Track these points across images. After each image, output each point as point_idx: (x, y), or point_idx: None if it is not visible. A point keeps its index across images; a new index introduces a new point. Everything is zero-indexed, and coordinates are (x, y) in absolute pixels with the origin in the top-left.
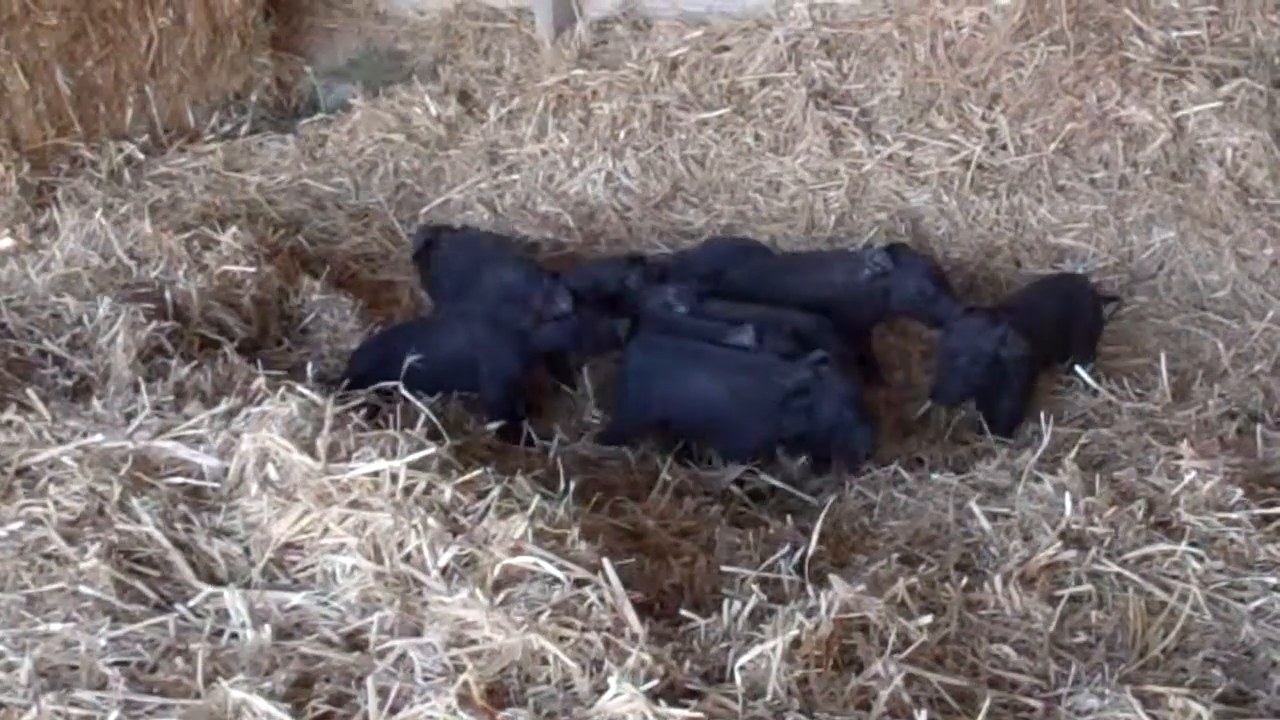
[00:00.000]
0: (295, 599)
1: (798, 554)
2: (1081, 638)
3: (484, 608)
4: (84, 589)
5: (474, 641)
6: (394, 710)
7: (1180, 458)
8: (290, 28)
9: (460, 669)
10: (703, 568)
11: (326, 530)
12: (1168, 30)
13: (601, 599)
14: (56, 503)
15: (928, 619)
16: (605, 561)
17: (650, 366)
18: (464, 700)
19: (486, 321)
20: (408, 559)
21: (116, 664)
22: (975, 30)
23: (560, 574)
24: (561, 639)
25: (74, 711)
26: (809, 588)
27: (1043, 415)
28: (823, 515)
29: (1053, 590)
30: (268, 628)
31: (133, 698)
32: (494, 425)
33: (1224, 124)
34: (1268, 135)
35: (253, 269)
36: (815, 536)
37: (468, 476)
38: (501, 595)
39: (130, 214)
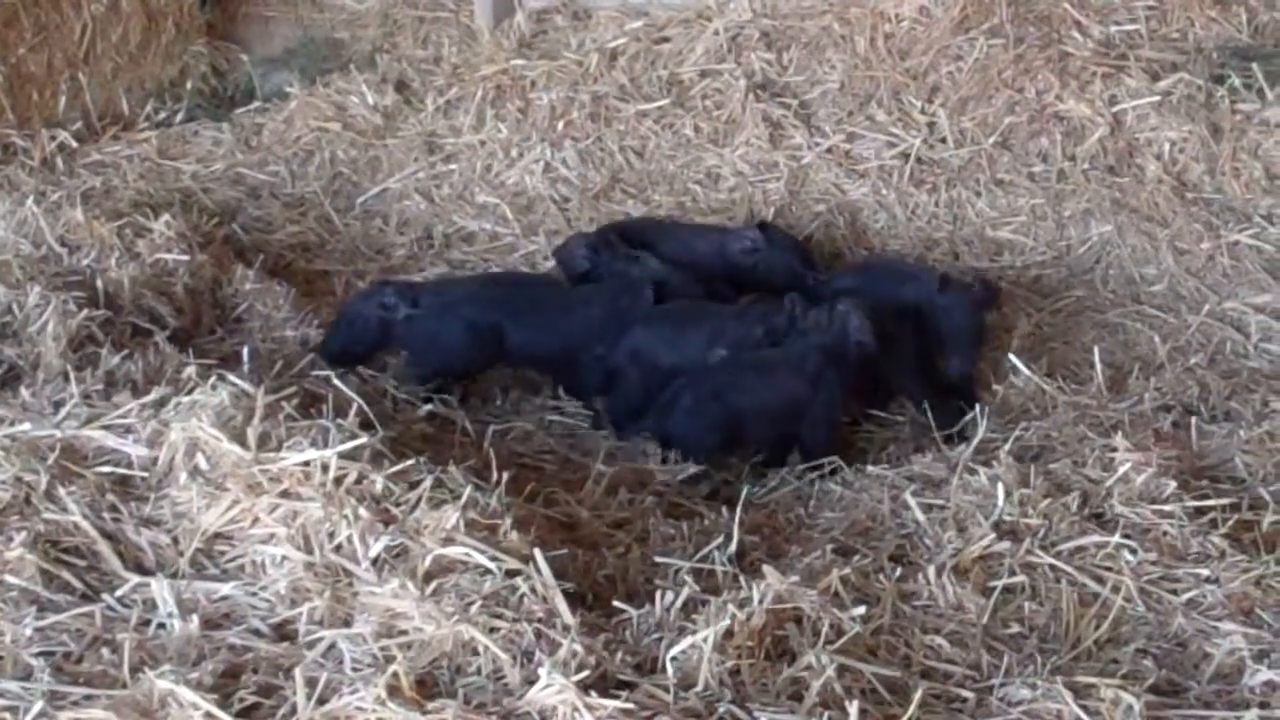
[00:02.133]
0: (224, 589)
1: (731, 545)
2: (1014, 629)
3: (414, 598)
4: (9, 578)
5: (404, 632)
6: (322, 701)
7: (1115, 450)
8: (227, 15)
9: (390, 660)
10: (636, 558)
11: (256, 520)
12: (1106, 25)
13: (533, 589)
14: None
15: (861, 610)
16: (537, 552)
17: (714, 385)
18: (393, 691)
19: None
20: (338, 549)
21: (42, 654)
22: (915, 23)
23: (492, 565)
24: (492, 630)
25: None
26: (742, 579)
27: (978, 407)
28: (740, 505)
29: (986, 581)
30: (195, 618)
31: (58, 688)
32: None
33: (1162, 119)
34: (1205, 130)
35: (186, 257)
36: (736, 526)
37: (399, 467)
38: (432, 586)
39: (62, 201)
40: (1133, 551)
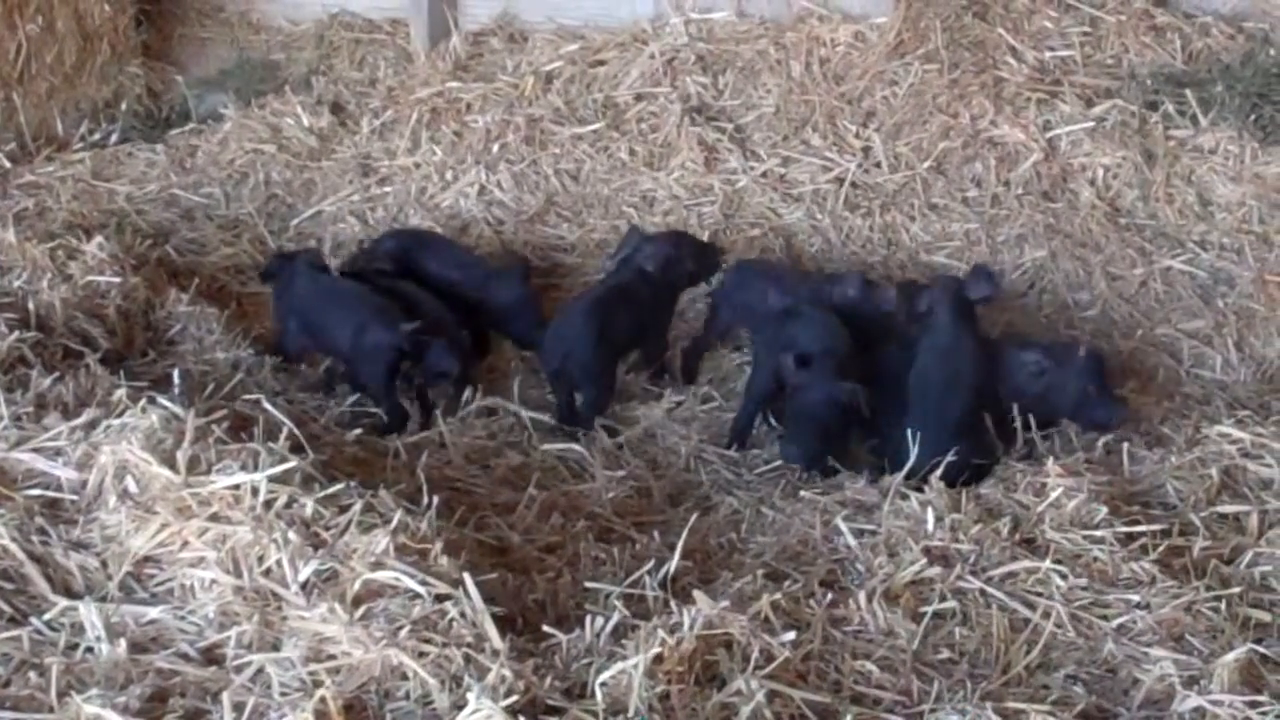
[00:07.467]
0: (152, 613)
1: (662, 570)
2: (945, 654)
3: (343, 623)
4: None
5: (333, 657)
6: None
7: (1046, 475)
8: (162, 36)
9: (318, 684)
10: (567, 583)
11: (185, 544)
12: (1041, 50)
13: (463, 614)
14: None
15: (791, 635)
16: (467, 576)
17: None
18: (321, 716)
19: None
20: (267, 573)
21: None
22: (851, 48)
23: (421, 589)
24: (421, 654)
25: None
26: (673, 604)
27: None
28: (685, 531)
29: (917, 607)
30: (123, 642)
31: None
32: None
33: (1096, 144)
34: (1138, 156)
35: (118, 279)
36: (678, 552)
37: (330, 490)
38: (361, 610)
39: None
40: (1063, 577)
